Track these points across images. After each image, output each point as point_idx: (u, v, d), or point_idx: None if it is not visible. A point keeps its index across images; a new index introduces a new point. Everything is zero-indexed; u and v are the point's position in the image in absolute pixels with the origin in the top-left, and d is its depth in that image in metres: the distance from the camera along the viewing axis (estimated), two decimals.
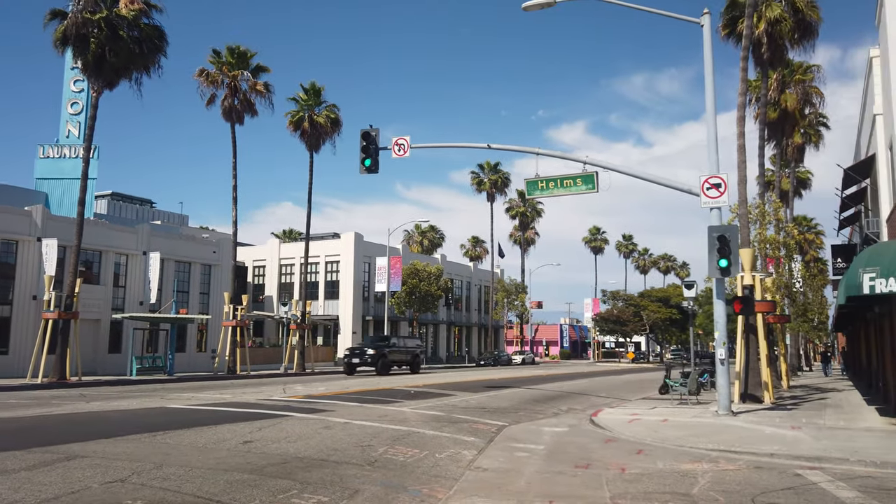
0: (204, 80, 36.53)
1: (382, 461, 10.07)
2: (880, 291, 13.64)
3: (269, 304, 56.32)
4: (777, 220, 27.73)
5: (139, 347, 35.25)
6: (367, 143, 20.45)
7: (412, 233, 78.31)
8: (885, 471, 10.12)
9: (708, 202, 16.78)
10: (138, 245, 37.60)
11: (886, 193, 17.82)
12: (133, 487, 7.88)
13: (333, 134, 42.21)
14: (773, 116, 32.98)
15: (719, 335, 17.00)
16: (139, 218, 53.47)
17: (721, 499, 8.12)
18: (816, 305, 43.97)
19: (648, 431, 13.92)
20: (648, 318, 76.96)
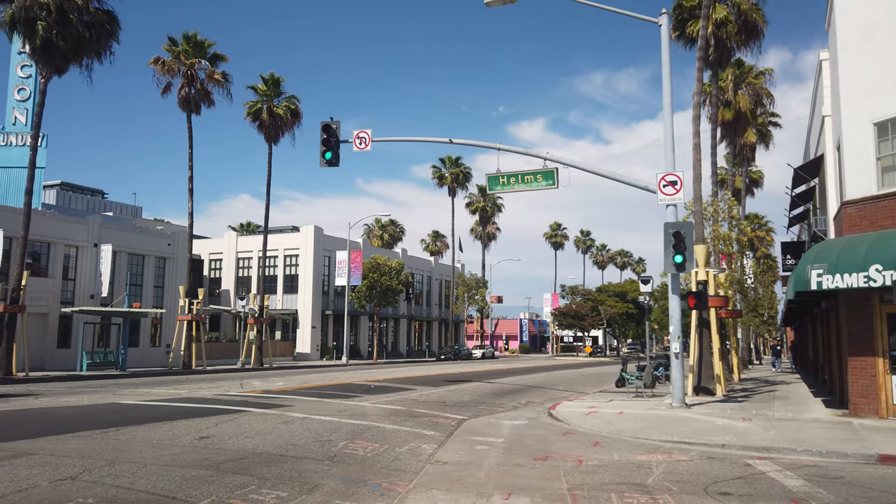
0: (159, 68, 35.64)
1: (342, 456, 10.02)
2: (827, 287, 14.12)
3: (226, 298, 55.35)
4: (731, 217, 28.43)
5: (90, 342, 34.26)
6: (328, 135, 20.23)
7: (373, 227, 77.88)
8: (829, 460, 10.51)
9: (664, 199, 17.11)
10: (89, 237, 36.50)
11: (834, 192, 18.44)
12: (84, 485, 7.67)
13: (293, 126, 41.67)
14: (727, 116, 33.82)
15: (674, 329, 17.38)
16: (90, 209, 51.90)
17: (675, 489, 8.32)
18: (766, 301, 45.33)
19: (605, 424, 14.16)
20: (606, 313, 78.17)
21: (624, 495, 7.93)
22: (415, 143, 30.10)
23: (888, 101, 14.57)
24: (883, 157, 14.78)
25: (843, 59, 15.74)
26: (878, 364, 14.68)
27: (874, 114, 14.86)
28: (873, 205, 14.81)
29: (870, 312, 14.84)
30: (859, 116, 15.16)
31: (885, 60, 14.81)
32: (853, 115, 15.32)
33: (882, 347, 14.66)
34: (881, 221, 14.49)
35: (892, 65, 14.67)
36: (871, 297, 14.73)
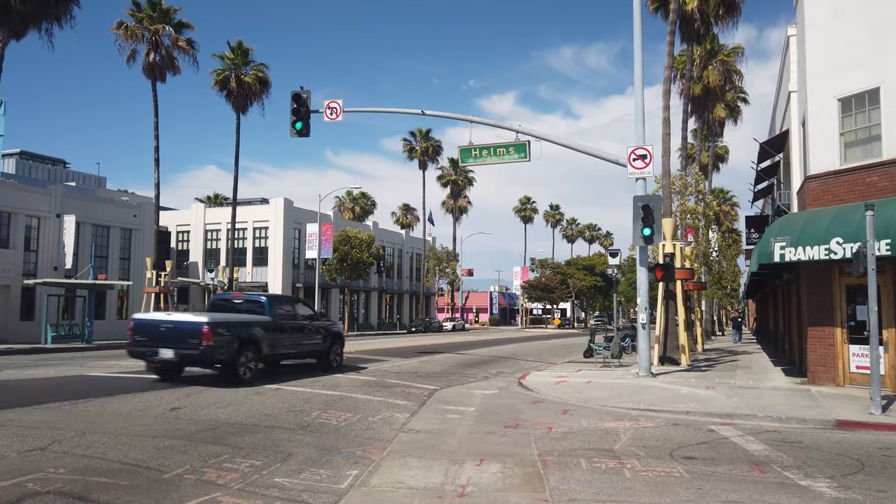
0: (123, 34, 34.59)
1: (315, 425, 10.09)
2: (790, 259, 14.52)
3: (195, 270, 54.64)
4: (697, 191, 28.89)
5: (54, 315, 33.60)
6: (298, 105, 19.94)
7: (343, 199, 77.32)
8: (789, 425, 10.92)
9: (634, 173, 17.31)
10: (51, 207, 35.58)
11: (798, 167, 18.85)
12: (54, 455, 7.61)
13: (262, 95, 40.96)
14: (696, 91, 34.14)
15: (641, 301, 17.72)
16: (51, 178, 50.56)
17: (641, 454, 8.58)
18: (730, 274, 46.34)
19: (574, 393, 14.46)
20: (574, 286, 79.17)
21: (593, 460, 8.15)
22: (385, 115, 29.87)
23: (853, 77, 14.87)
24: (846, 133, 15.12)
25: (810, 35, 15.97)
26: (836, 334, 15.19)
27: (839, 90, 15.15)
28: (836, 179, 15.19)
29: (829, 284, 15.31)
30: (824, 92, 15.45)
31: (850, 37, 15.07)
32: (818, 90, 15.61)
33: (840, 318, 15.17)
34: (843, 195, 14.88)
35: (857, 42, 14.94)
36: (831, 269, 15.18)
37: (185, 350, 14.21)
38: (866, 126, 14.72)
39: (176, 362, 14.64)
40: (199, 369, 15.73)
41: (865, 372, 13.78)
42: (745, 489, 6.93)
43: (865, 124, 14.74)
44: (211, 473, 7.07)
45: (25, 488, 6.30)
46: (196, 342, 14.04)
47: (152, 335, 14.69)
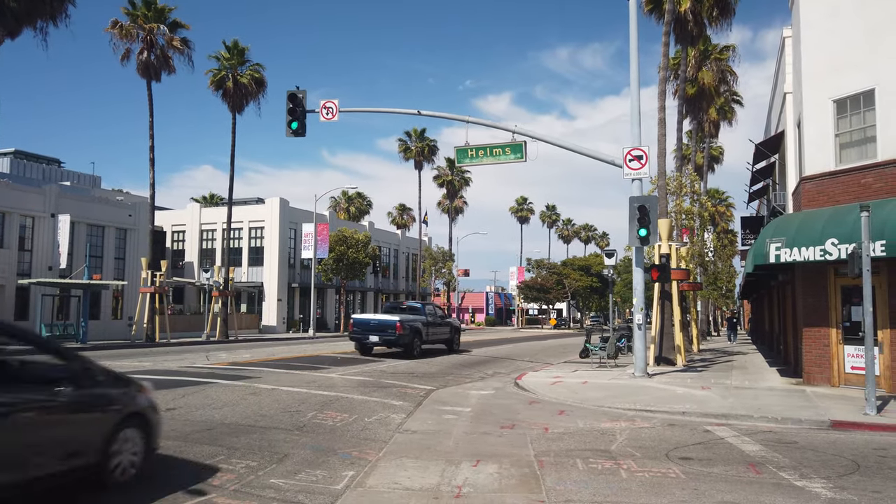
0: (118, 33, 34.42)
1: (311, 426, 10.07)
2: (785, 260, 14.56)
3: (190, 270, 54.48)
4: (693, 192, 28.92)
5: (49, 315, 33.46)
6: (294, 105, 19.89)
7: (339, 199, 77.18)
8: (784, 426, 10.94)
9: (630, 173, 17.33)
10: (46, 207, 35.41)
11: (793, 168, 18.90)
12: None
13: (258, 95, 40.80)
14: (691, 92, 34.18)
15: (637, 301, 17.74)
16: (46, 178, 50.35)
17: (637, 454, 8.58)
18: (725, 274, 46.42)
19: (570, 393, 14.47)
20: (570, 286, 79.23)
21: (589, 461, 8.16)
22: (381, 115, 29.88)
23: (848, 78, 14.91)
24: (841, 134, 15.17)
25: (805, 36, 16.02)
26: (832, 334, 15.23)
27: (834, 91, 15.20)
28: (831, 180, 15.23)
29: (825, 285, 15.35)
30: (820, 93, 15.50)
31: (846, 39, 15.12)
32: (814, 92, 15.66)
33: (835, 318, 15.21)
34: (838, 196, 14.92)
35: (853, 43, 14.99)
36: (826, 270, 15.22)
37: (385, 336, 23.20)
38: (861, 127, 14.77)
39: (378, 343, 23.65)
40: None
41: (860, 372, 13.82)
42: (740, 490, 6.94)
43: (860, 125, 14.79)
44: (206, 474, 7.04)
45: None
46: (392, 331, 23.06)
47: (364, 327, 23.80)
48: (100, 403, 6.36)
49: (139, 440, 6.71)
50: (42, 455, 5.58)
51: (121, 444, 6.43)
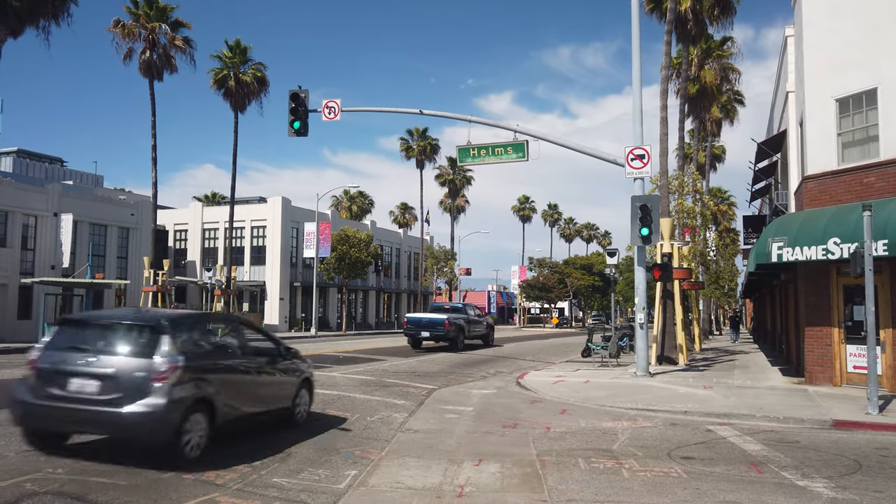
0: (120, 32, 34.51)
1: (315, 427, 10.08)
2: (787, 259, 14.55)
3: (192, 269, 54.56)
4: (695, 191, 28.88)
5: (52, 314, 33.52)
6: (297, 104, 19.91)
7: (341, 198, 77.19)
8: (786, 425, 10.94)
9: (632, 172, 17.32)
10: (48, 206, 35.48)
11: (795, 167, 18.87)
12: (53, 455, 7.60)
13: (260, 94, 40.91)
14: (692, 91, 34.13)
15: (639, 300, 17.74)
16: (49, 177, 50.39)
17: (639, 454, 8.59)
18: (728, 273, 46.36)
19: (572, 392, 14.48)
20: (572, 285, 79.19)
21: (591, 460, 8.17)
22: (382, 114, 29.95)
23: (850, 77, 14.89)
24: (844, 133, 15.15)
25: (807, 35, 16.00)
26: (834, 334, 15.22)
27: (837, 90, 15.18)
28: (833, 179, 15.22)
29: (827, 284, 15.34)
30: (822, 92, 15.48)
31: (848, 38, 15.10)
32: (816, 90, 15.64)
33: (837, 318, 15.20)
34: (840, 196, 14.91)
35: (855, 42, 14.97)
36: (828, 269, 15.21)
37: (435, 332, 27.23)
38: (864, 126, 14.75)
39: (428, 338, 27.37)
40: None
41: (862, 372, 13.81)
42: (742, 489, 6.94)
43: (863, 125, 14.77)
44: (209, 473, 7.07)
45: (24, 489, 6.29)
46: (441, 328, 27.02)
47: (417, 325, 27.75)
48: (293, 370, 9.89)
49: (307, 396, 10.35)
50: (271, 397, 9.15)
51: (300, 398, 10.02)
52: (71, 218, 35.24)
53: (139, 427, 6.94)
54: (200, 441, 7.46)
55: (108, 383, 7.05)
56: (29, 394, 7.36)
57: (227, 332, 9.03)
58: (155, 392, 6.97)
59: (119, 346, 7.41)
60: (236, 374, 8.38)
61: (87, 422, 7.15)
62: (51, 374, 7.32)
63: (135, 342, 7.40)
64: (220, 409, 7.73)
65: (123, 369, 7.14)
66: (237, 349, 8.79)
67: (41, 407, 7.21)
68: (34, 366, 7.56)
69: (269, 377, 9.17)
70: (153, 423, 6.91)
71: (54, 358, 7.45)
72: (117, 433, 7.26)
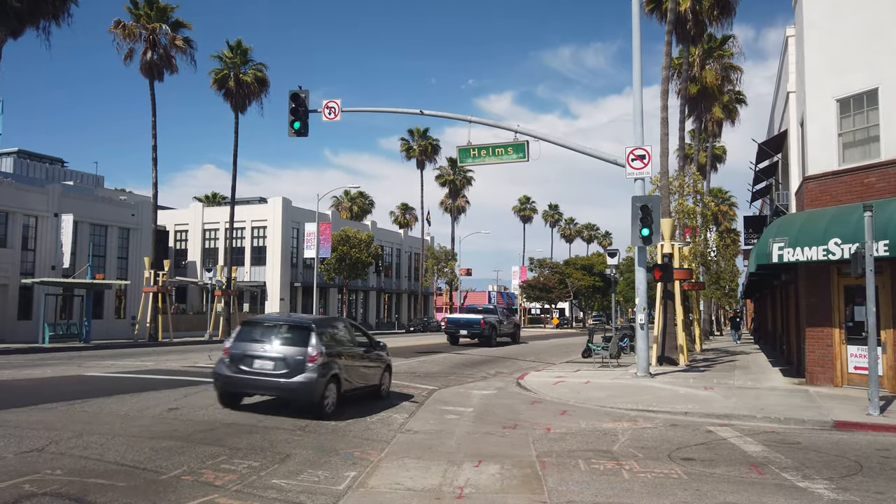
0: (121, 33, 34.48)
1: (313, 426, 10.06)
2: (788, 260, 14.52)
3: (193, 269, 54.59)
4: (695, 191, 28.84)
5: (52, 314, 33.54)
6: (297, 105, 19.90)
7: (342, 199, 77.18)
8: (787, 426, 10.92)
9: (633, 173, 17.30)
10: (49, 206, 35.48)
11: (796, 168, 18.84)
12: (51, 457, 7.59)
13: (261, 94, 40.84)
14: (694, 91, 34.09)
15: (640, 301, 17.72)
16: (49, 178, 50.43)
17: (640, 455, 8.57)
18: (728, 273, 46.30)
19: (572, 393, 14.45)
20: (573, 286, 79.19)
21: (591, 461, 8.15)
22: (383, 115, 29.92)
23: (851, 78, 14.87)
24: (844, 133, 15.13)
25: (808, 36, 15.97)
26: (835, 334, 15.20)
27: (837, 90, 15.16)
28: (834, 180, 15.19)
29: (828, 284, 15.31)
30: (823, 93, 15.45)
31: (849, 38, 15.08)
32: (817, 91, 15.61)
33: (838, 318, 15.17)
34: (841, 196, 14.88)
35: (856, 43, 14.94)
36: (829, 269, 15.19)
37: (472, 330, 31.83)
38: (865, 127, 14.73)
39: (466, 336, 32.06)
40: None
41: (863, 373, 13.78)
42: (743, 491, 6.92)
43: (864, 125, 14.75)
44: (208, 475, 7.05)
45: (22, 490, 6.27)
46: (478, 327, 31.58)
47: (456, 324, 32.54)
48: (380, 359, 13.07)
49: (388, 378, 13.51)
50: (368, 377, 12.32)
51: (384, 379, 13.21)
52: (71, 218, 35.24)
53: (300, 391, 10.28)
54: (333, 402, 10.76)
55: (279, 363, 10.44)
56: (226, 370, 10.70)
57: (344, 330, 12.19)
58: (308, 370, 10.31)
59: (284, 339, 10.79)
60: (350, 360, 11.62)
61: (266, 388, 10.61)
62: (240, 357, 10.65)
63: (294, 337, 10.75)
64: (343, 383, 11.09)
65: (288, 354, 10.49)
66: (349, 342, 12.02)
67: (234, 377, 10.62)
68: (228, 352, 10.83)
69: (368, 363, 12.42)
70: (308, 388, 10.25)
71: (241, 347, 10.77)
72: (285, 395, 10.51)
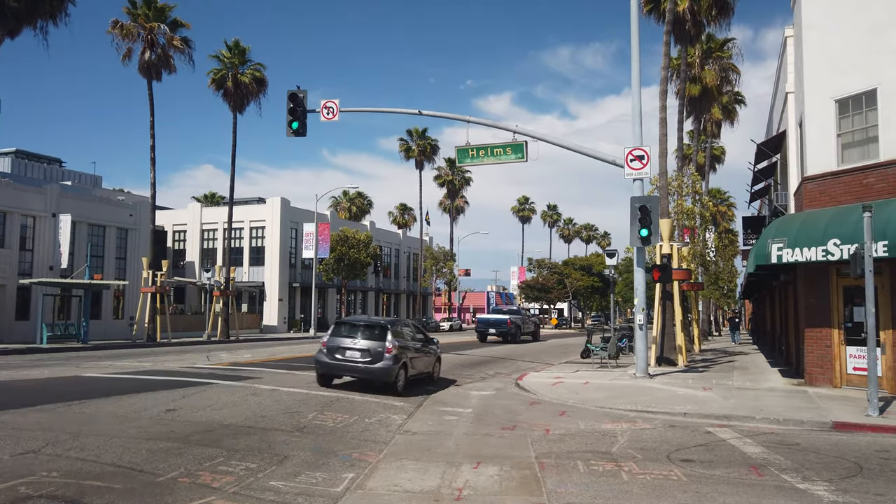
0: (119, 33, 34.42)
1: (312, 427, 10.04)
2: (787, 261, 14.50)
3: (191, 269, 54.50)
4: (694, 192, 28.82)
5: (50, 314, 33.43)
6: (295, 104, 19.86)
7: (340, 199, 77.12)
8: (786, 427, 10.90)
9: (631, 173, 17.29)
10: (47, 206, 35.41)
11: (795, 168, 18.83)
12: (47, 458, 7.55)
13: (259, 94, 40.78)
14: (693, 92, 34.07)
15: (639, 302, 17.69)
16: (47, 178, 50.32)
17: (639, 456, 8.55)
18: (727, 274, 46.27)
19: (571, 394, 14.43)
20: (572, 286, 79.16)
21: (590, 462, 8.12)
22: (381, 115, 29.89)
23: (850, 78, 14.86)
24: (843, 134, 15.12)
25: (807, 36, 15.96)
26: (834, 335, 15.18)
27: (836, 91, 15.15)
28: (833, 180, 15.18)
29: (827, 285, 15.30)
30: (822, 93, 15.44)
31: (848, 39, 15.06)
32: (816, 91, 15.60)
33: (837, 319, 15.16)
34: (840, 197, 14.87)
35: (855, 43, 14.93)
36: (828, 270, 15.17)
37: (500, 329, 35.67)
38: (863, 127, 14.72)
39: (494, 334, 36.09)
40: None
41: (862, 373, 13.77)
42: (742, 492, 6.90)
43: (862, 125, 14.73)
44: (206, 476, 7.02)
45: (17, 492, 6.24)
46: (505, 326, 35.76)
47: (486, 324, 36.80)
48: (434, 352, 16.90)
49: (438, 367, 17.31)
50: (426, 365, 16.19)
51: (436, 368, 17.06)
52: (69, 218, 35.16)
53: (380, 374, 13.83)
54: (403, 384, 14.28)
55: (364, 353, 13.96)
56: (325, 358, 14.24)
57: (409, 330, 15.92)
58: (386, 358, 13.82)
59: (367, 335, 14.25)
60: (414, 353, 15.23)
61: (355, 371, 14.10)
62: (334, 349, 14.21)
63: (375, 334, 14.24)
64: (409, 369, 14.68)
65: (371, 346, 13.98)
66: (412, 339, 15.64)
67: (331, 363, 14.20)
68: (325, 345, 14.36)
69: (425, 355, 16.14)
70: (386, 372, 13.78)
71: (334, 341, 14.31)
72: (369, 377, 14.03)
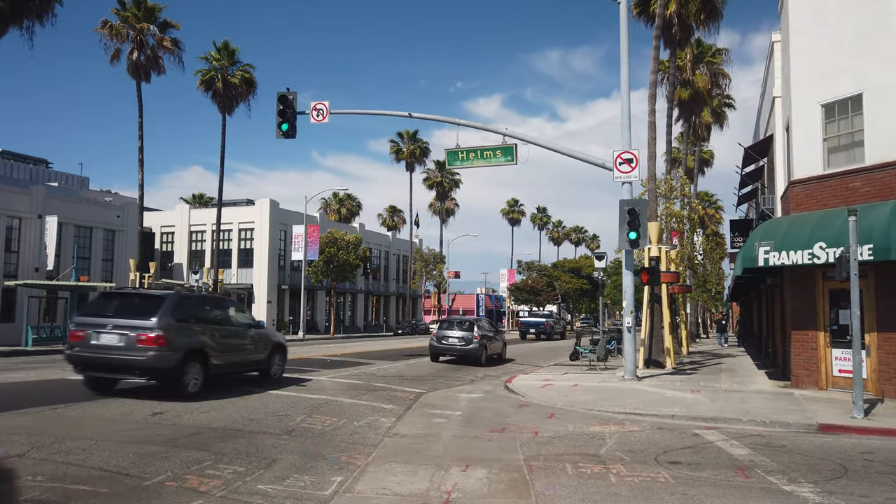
0: (107, 33, 34.24)
1: (300, 430, 10.00)
2: (773, 264, 14.62)
3: (179, 271, 54.18)
4: (683, 195, 29.00)
5: (35, 317, 33.17)
6: (285, 106, 19.81)
7: (330, 201, 76.96)
8: (772, 429, 10.98)
9: (620, 176, 17.36)
10: (33, 208, 35.13)
11: (782, 172, 19.00)
12: (33, 463, 7.48)
13: (248, 96, 40.72)
14: (683, 96, 34.34)
15: (627, 304, 17.77)
16: (34, 178, 49.95)
17: (627, 458, 8.58)
18: (715, 277, 46.57)
19: (560, 396, 14.47)
20: (561, 288, 79.39)
21: (578, 465, 8.14)
22: (372, 117, 29.83)
23: (836, 83, 15.01)
24: (829, 138, 15.27)
25: (794, 41, 16.11)
26: (820, 338, 15.31)
27: (823, 95, 15.30)
28: (819, 184, 15.32)
29: (813, 288, 15.43)
30: (808, 98, 15.59)
31: (834, 44, 15.22)
32: (802, 96, 15.75)
33: (823, 322, 15.30)
34: (826, 200, 15.01)
35: (841, 48, 15.09)
36: (814, 273, 15.30)
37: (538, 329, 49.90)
38: (849, 132, 14.87)
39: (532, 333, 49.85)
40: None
41: (848, 376, 13.90)
42: (729, 494, 6.94)
43: (848, 130, 14.89)
44: (193, 480, 6.98)
45: None
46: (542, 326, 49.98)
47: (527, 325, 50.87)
48: (503, 339, 26.85)
49: (505, 350, 27.12)
50: (497, 349, 25.45)
51: (504, 351, 26.83)
52: (56, 220, 34.90)
53: (471, 353, 22.77)
54: (484, 360, 22.84)
55: (460, 339, 22.87)
56: (435, 342, 23.21)
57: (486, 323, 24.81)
58: (474, 342, 22.72)
59: (461, 327, 23.32)
60: (490, 340, 23.61)
61: (454, 351, 23.02)
62: (441, 337, 23.25)
63: (467, 326, 23.39)
64: (488, 350, 23.23)
65: (465, 335, 22.95)
66: (489, 330, 24.63)
67: (439, 346, 23.22)
68: (434, 334, 23.51)
69: (497, 341, 24.81)
70: (476, 352, 22.69)
71: (440, 332, 23.36)
72: (464, 355, 22.83)
